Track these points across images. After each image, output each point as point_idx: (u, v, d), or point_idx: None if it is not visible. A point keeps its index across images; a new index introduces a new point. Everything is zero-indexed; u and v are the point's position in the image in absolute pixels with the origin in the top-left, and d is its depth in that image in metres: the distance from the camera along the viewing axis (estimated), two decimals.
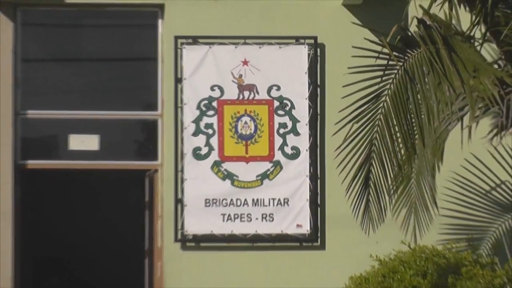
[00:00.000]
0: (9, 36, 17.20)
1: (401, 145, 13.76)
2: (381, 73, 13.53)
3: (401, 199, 14.70)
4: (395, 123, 13.62)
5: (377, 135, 13.84)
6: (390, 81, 13.60)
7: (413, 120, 13.52)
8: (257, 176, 17.03)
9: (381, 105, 13.74)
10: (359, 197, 14.26)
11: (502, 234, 17.14)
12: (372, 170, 14.23)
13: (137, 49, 17.90)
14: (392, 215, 14.61)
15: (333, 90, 16.98)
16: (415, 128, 13.62)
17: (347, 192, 14.25)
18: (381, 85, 13.64)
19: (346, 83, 14.00)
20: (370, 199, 14.32)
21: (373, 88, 13.62)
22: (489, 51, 14.74)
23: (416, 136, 13.79)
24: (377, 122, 13.81)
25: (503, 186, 17.21)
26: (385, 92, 13.63)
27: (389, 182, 14.30)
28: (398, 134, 13.68)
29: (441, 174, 14.39)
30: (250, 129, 17.15)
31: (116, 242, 20.81)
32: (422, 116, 13.56)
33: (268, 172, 17.10)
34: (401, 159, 14.03)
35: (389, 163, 14.02)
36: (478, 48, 14.13)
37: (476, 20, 13.93)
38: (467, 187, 17.18)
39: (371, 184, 14.25)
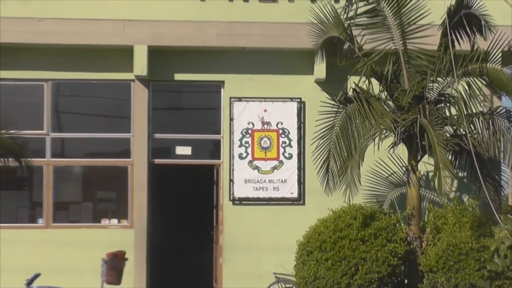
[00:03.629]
0: (145, 97, 17.31)
1: (345, 152, 14.41)
2: (334, 115, 14.85)
3: (343, 180, 14.72)
4: (341, 140, 14.59)
5: (332, 146, 14.79)
6: (339, 119, 14.73)
7: (350, 139, 14.29)
8: (271, 168, 17.33)
9: (335, 131, 14.75)
10: (324, 178, 14.94)
11: (394, 198, 16.97)
12: (330, 164, 14.83)
13: (210, 103, 17.83)
14: (339, 188, 14.85)
15: (309, 124, 16.99)
16: (351, 143, 14.35)
17: (318, 175, 15.07)
18: (334, 121, 14.82)
19: (317, 121, 14.96)
20: (329, 178, 14.87)
21: (330, 122, 14.88)
22: (389, 105, 15.24)
23: (351, 147, 14.42)
24: (332, 139, 14.76)
25: (394, 174, 16.98)
26: (337, 124, 14.74)
27: (339, 171, 14.71)
28: (343, 146, 14.35)
29: (363, 168, 14.83)
30: (267, 144, 17.35)
31: (198, 202, 19.68)
32: (354, 137, 14.44)
33: (276, 166, 17.36)
34: (345, 159, 14.56)
35: (338, 161, 14.57)
36: (383, 103, 14.86)
37: (382, 89, 14.82)
38: (377, 174, 17.12)
39: (330, 171, 14.86)
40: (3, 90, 17.32)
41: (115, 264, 15.20)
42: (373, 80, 14.95)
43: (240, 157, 17.44)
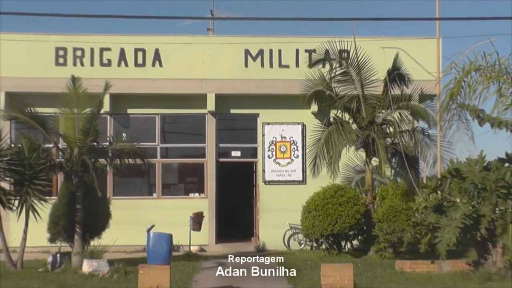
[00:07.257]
0: (214, 123, 17.18)
1: (326, 154, 14.28)
2: (320, 132, 14.53)
3: (329, 169, 14.45)
4: (324, 147, 14.41)
5: (318, 151, 14.52)
6: (324, 134, 14.50)
7: (330, 146, 14.24)
8: (286, 163, 17.09)
9: (321, 141, 14.77)
10: (313, 169, 14.81)
11: (358, 180, 16.48)
12: (316, 161, 14.84)
13: (251, 126, 17.35)
14: (327, 174, 14.58)
15: (308, 138, 16.40)
16: (330, 148, 14.23)
17: (309, 167, 15.06)
18: (321, 135, 14.87)
19: (311, 136, 14.91)
20: (315, 170, 14.77)
21: (318, 136, 14.93)
22: (354, 126, 14.95)
23: (330, 151, 14.21)
24: (319, 147, 14.77)
25: (357, 166, 16.43)
26: (322, 138, 14.62)
27: (322, 165, 14.54)
28: (325, 150, 14.25)
29: (340, 162, 14.71)
30: (284, 149, 17.12)
31: (244, 183, 18.39)
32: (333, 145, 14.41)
33: (289, 162, 17.14)
34: (326, 158, 14.36)
35: (321, 158, 14.44)
36: (350, 125, 14.65)
37: (350, 117, 14.65)
38: (348, 166, 16.64)
39: (316, 165, 14.79)
40: (134, 120, 17.36)
41: (197, 219, 15.52)
42: (345, 112, 15.04)
43: (268, 157, 17.30)
